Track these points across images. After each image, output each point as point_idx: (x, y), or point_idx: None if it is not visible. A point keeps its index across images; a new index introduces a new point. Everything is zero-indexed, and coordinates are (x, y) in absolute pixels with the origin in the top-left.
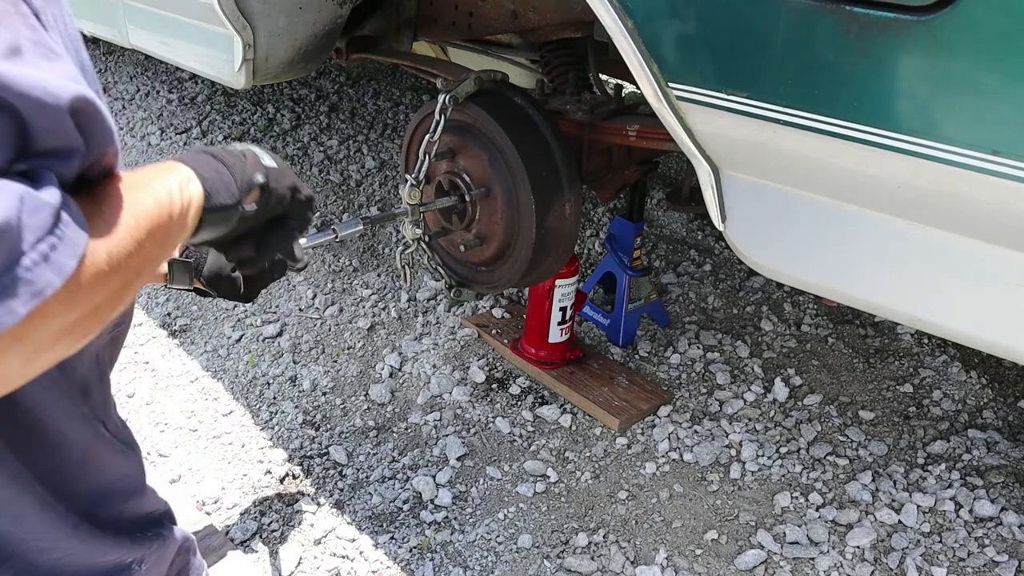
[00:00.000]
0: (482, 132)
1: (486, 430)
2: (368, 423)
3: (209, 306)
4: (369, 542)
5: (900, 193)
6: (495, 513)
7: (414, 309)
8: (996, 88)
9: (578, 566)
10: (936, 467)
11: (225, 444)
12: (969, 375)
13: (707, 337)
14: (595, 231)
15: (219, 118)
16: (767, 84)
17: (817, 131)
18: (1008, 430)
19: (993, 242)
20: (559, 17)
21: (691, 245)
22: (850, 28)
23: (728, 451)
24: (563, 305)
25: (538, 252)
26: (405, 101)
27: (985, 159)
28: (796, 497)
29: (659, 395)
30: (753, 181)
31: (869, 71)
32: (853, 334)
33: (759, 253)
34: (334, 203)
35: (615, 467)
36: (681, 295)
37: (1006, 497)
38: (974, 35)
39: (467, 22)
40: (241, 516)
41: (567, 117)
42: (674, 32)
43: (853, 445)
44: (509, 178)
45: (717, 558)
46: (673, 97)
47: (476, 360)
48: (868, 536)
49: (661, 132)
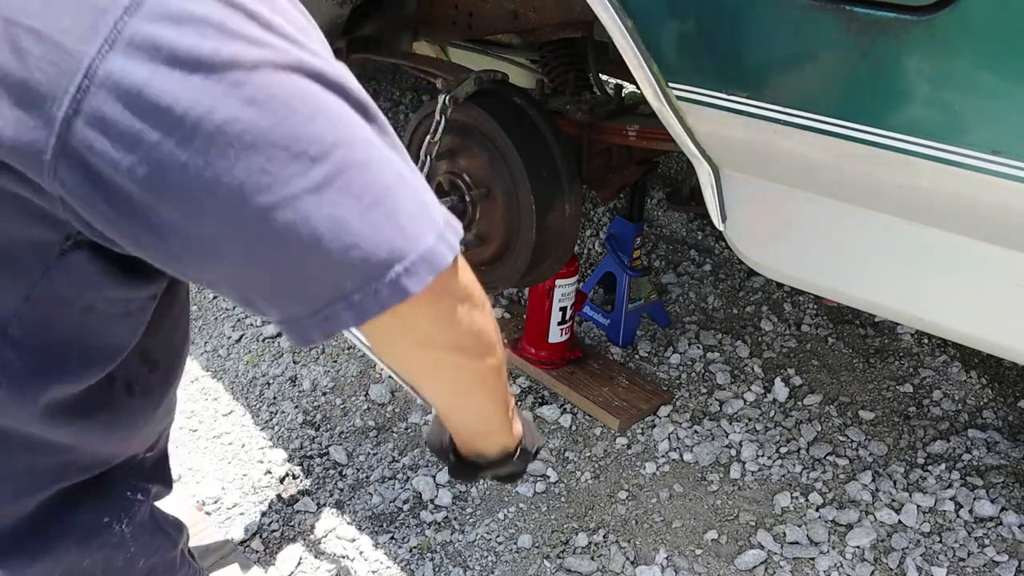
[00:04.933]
0: (482, 132)
1: None
2: (368, 423)
3: (209, 306)
4: (369, 542)
5: (900, 193)
6: (495, 513)
7: None
8: (996, 88)
9: (578, 566)
10: (936, 467)
11: (225, 444)
12: (969, 375)
13: (707, 337)
14: (595, 231)
15: None
16: (767, 84)
17: (817, 131)
18: (1008, 430)
19: (993, 242)
20: (559, 17)
21: (691, 245)
22: (850, 28)
23: (728, 451)
24: (563, 305)
25: (538, 252)
26: (405, 101)
27: (985, 159)
28: (796, 497)
29: (659, 395)
30: (753, 181)
31: (869, 71)
32: (853, 334)
33: (759, 253)
34: None
35: (615, 467)
36: (681, 295)
37: (1006, 497)
38: (974, 35)
39: (467, 22)
40: (241, 516)
41: (567, 117)
42: (674, 32)
43: (853, 445)
44: (509, 178)
45: (717, 558)
46: (673, 97)
47: None
48: (868, 536)
49: (661, 132)
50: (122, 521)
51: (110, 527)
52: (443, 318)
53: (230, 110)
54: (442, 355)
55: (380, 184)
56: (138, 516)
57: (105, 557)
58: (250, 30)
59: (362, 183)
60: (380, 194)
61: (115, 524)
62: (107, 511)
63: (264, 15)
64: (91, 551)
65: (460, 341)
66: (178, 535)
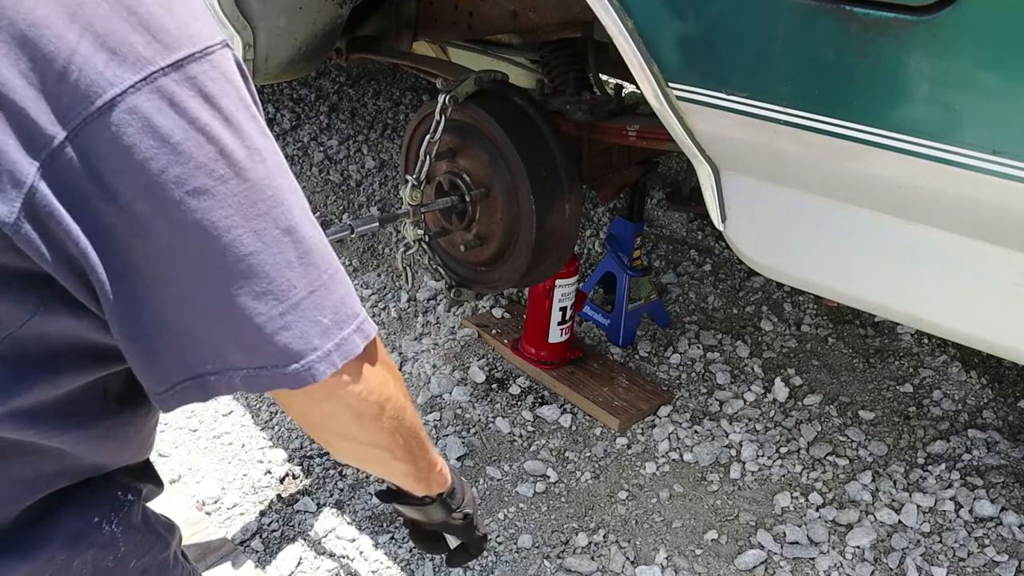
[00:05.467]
0: (482, 132)
1: (486, 430)
2: None
3: None
4: (369, 542)
5: (900, 193)
6: (495, 513)
7: (414, 309)
8: (996, 88)
9: (578, 566)
10: (936, 467)
11: (225, 444)
12: (969, 375)
13: (707, 337)
14: (595, 231)
15: None
16: (767, 84)
17: (817, 131)
18: (1008, 430)
19: (993, 242)
20: (559, 17)
21: (691, 245)
22: (850, 28)
23: (728, 451)
24: (563, 305)
25: (538, 252)
26: (405, 101)
27: (985, 159)
28: (796, 497)
29: (659, 395)
30: (753, 181)
31: (869, 71)
32: (853, 334)
33: (759, 253)
34: (334, 203)
35: (615, 467)
36: (681, 295)
37: (1006, 497)
38: (974, 35)
39: (467, 22)
40: (241, 516)
41: (567, 117)
42: (674, 32)
43: (853, 445)
44: (509, 178)
45: (717, 558)
46: (673, 97)
47: (476, 360)
48: (868, 536)
49: (661, 132)
50: (112, 521)
51: (100, 527)
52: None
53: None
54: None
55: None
56: (129, 516)
57: (95, 557)
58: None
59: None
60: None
61: (105, 524)
62: (97, 511)
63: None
64: (81, 551)
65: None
66: (170, 536)
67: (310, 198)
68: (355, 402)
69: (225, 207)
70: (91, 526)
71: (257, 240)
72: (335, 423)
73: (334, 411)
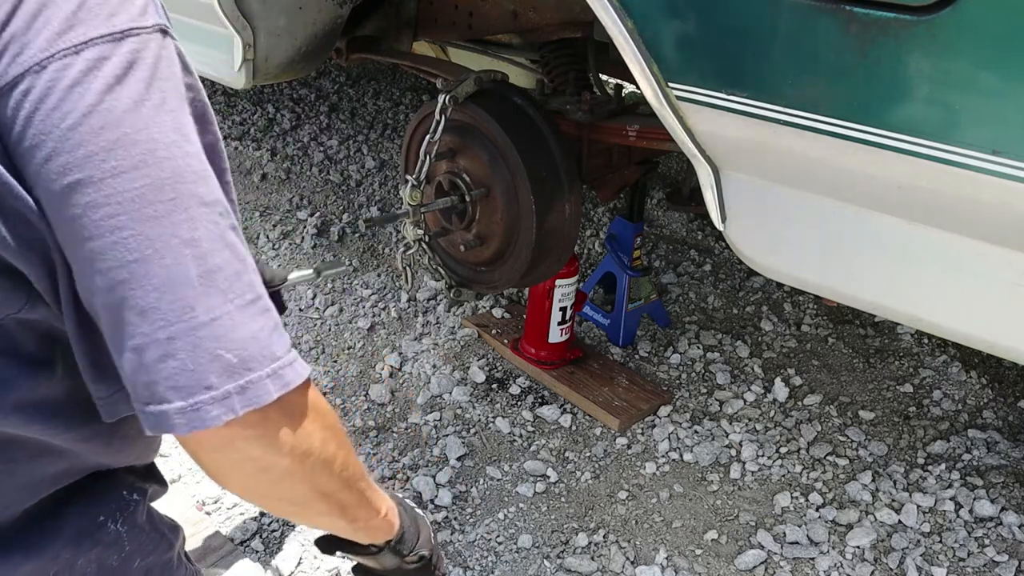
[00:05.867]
0: (482, 132)
1: (486, 430)
2: (368, 423)
3: None
4: None
5: (900, 193)
6: (495, 513)
7: (414, 309)
8: (996, 88)
9: (578, 566)
10: (936, 467)
11: None
12: (969, 375)
13: (707, 337)
14: (595, 231)
15: (219, 118)
16: (767, 84)
17: (817, 131)
18: (1008, 430)
19: (993, 242)
20: (559, 17)
21: (691, 245)
22: (850, 28)
23: (728, 451)
24: (563, 305)
25: (538, 252)
26: (405, 101)
27: (985, 159)
28: (796, 497)
29: (659, 395)
30: (753, 181)
31: (869, 71)
32: (853, 334)
33: (759, 253)
34: (334, 203)
35: (615, 467)
36: (681, 295)
37: (1006, 497)
38: (974, 35)
39: (467, 22)
40: (241, 516)
41: (567, 117)
42: (674, 32)
43: (853, 445)
44: (509, 178)
45: (717, 558)
46: (673, 97)
47: (476, 360)
48: (868, 536)
49: (661, 132)
50: (117, 520)
51: (105, 526)
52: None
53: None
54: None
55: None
56: (134, 516)
57: (99, 556)
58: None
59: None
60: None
61: (110, 523)
62: (103, 510)
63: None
64: (85, 550)
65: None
66: (174, 536)
67: (311, 198)
68: (259, 454)
69: (111, 204)
70: (96, 525)
71: (147, 246)
72: (237, 476)
73: (231, 463)
